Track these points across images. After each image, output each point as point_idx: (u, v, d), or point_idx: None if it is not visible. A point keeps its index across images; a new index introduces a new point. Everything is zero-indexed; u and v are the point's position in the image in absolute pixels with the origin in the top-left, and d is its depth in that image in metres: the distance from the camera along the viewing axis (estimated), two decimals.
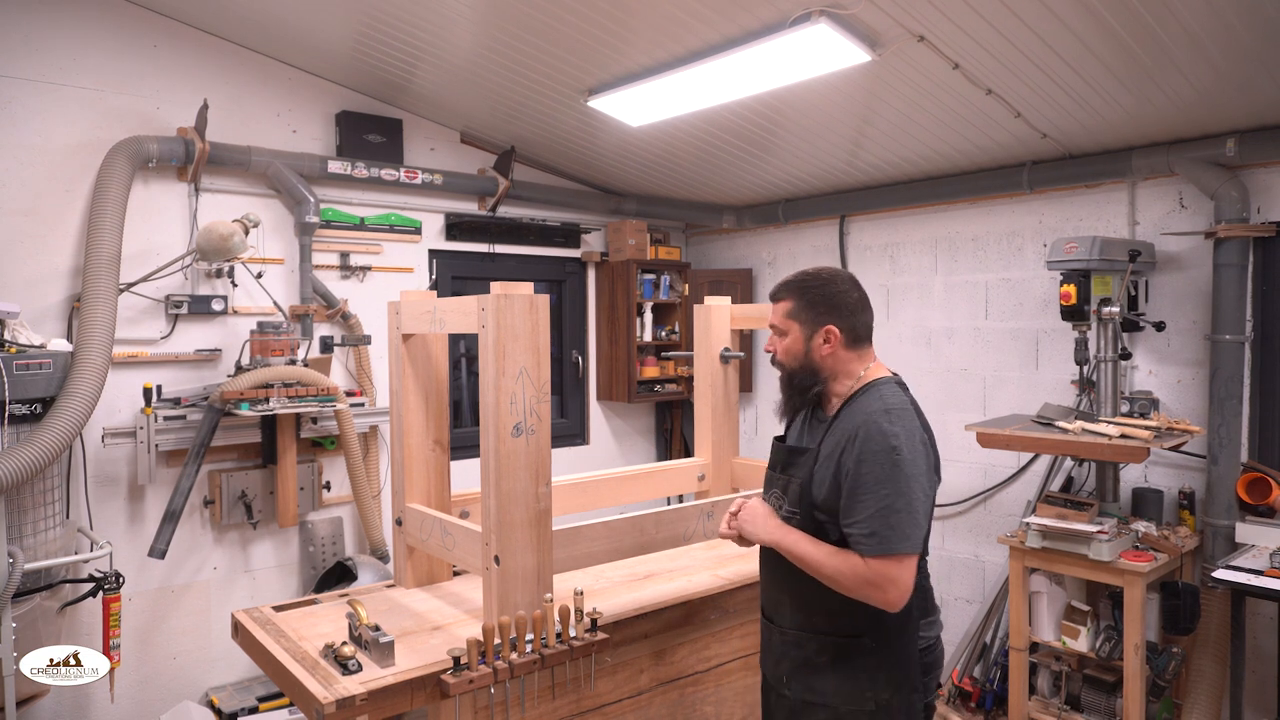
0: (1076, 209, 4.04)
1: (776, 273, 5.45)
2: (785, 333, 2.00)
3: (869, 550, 1.78)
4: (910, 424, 1.85)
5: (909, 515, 1.78)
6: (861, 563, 1.78)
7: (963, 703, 4.14)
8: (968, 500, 4.45)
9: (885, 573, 1.77)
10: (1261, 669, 3.50)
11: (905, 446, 1.81)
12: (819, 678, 1.91)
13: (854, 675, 1.89)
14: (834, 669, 1.90)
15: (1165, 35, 2.81)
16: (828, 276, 1.99)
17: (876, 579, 1.77)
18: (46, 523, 3.03)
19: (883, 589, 1.77)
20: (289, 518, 3.89)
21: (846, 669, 1.89)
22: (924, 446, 1.86)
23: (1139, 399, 3.74)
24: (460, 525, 2.31)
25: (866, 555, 1.78)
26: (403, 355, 2.54)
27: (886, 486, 1.78)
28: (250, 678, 3.97)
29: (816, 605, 1.91)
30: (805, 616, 1.94)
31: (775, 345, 2.02)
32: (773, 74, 3.33)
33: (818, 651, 1.92)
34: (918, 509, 1.79)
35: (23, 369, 2.90)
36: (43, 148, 3.50)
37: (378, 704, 1.88)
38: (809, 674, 1.92)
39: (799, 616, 1.95)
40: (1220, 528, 3.49)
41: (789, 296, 2.00)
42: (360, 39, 3.74)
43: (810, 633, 1.93)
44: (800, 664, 1.94)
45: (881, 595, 1.78)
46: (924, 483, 1.82)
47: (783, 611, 1.99)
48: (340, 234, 4.31)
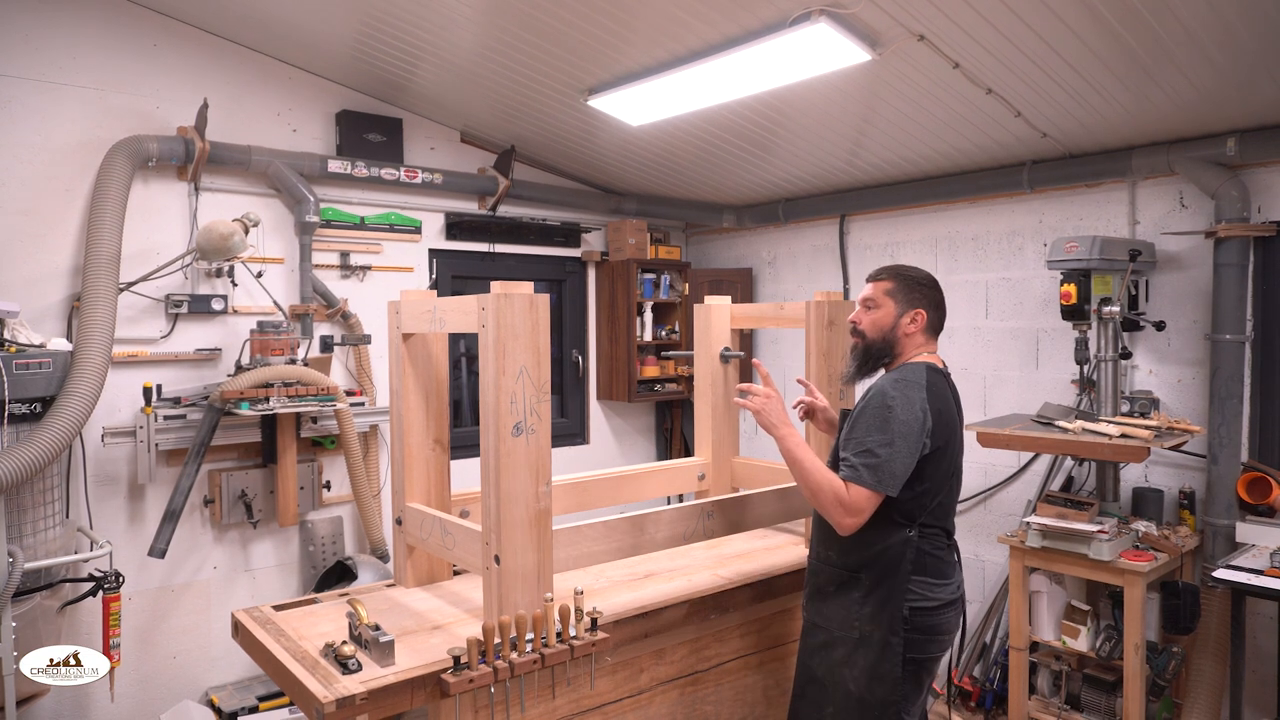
0: (1077, 208, 4.04)
1: (777, 272, 5.45)
2: (879, 307, 2.28)
3: (848, 475, 2.10)
4: (912, 394, 2.13)
5: (885, 462, 2.07)
6: (840, 484, 2.11)
7: (963, 702, 4.15)
8: (968, 500, 4.45)
9: (853, 499, 2.09)
10: (1261, 668, 3.50)
11: (900, 408, 2.10)
12: (825, 604, 2.25)
13: (848, 604, 2.20)
14: (835, 597, 2.23)
15: (1165, 34, 2.81)
16: (926, 273, 2.33)
17: (847, 502, 2.09)
18: (46, 522, 3.03)
19: (844, 510, 2.09)
20: (289, 517, 3.89)
21: (843, 598, 2.21)
22: (923, 414, 2.10)
23: (1139, 398, 3.74)
24: (460, 525, 2.31)
25: (846, 479, 2.10)
26: (403, 355, 2.54)
27: (874, 434, 2.09)
28: (250, 677, 3.97)
29: (833, 541, 2.22)
30: (824, 550, 2.27)
31: (861, 318, 2.29)
32: (773, 73, 3.33)
33: (827, 580, 2.25)
34: (895, 460, 2.07)
35: (23, 368, 2.90)
36: (42, 147, 3.50)
37: (378, 703, 1.88)
38: (820, 600, 2.27)
39: (821, 550, 2.29)
40: (1220, 527, 3.49)
41: (890, 278, 2.30)
42: (360, 38, 3.74)
43: (825, 564, 2.26)
44: (815, 590, 2.29)
45: (840, 516, 2.10)
46: (910, 444, 2.08)
47: (814, 545, 2.33)
48: (340, 233, 4.31)
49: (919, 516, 2.16)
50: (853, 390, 2.78)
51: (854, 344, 2.32)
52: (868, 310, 2.29)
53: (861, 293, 2.32)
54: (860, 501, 2.07)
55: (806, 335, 2.77)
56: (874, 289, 2.30)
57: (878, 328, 2.27)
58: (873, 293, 2.29)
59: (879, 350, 2.27)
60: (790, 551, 2.85)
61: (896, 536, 2.15)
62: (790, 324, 2.85)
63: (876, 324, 2.27)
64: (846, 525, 2.09)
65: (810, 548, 2.37)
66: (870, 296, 2.29)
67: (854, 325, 2.31)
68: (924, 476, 2.12)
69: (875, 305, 2.28)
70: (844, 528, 2.10)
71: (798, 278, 5.33)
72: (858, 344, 2.31)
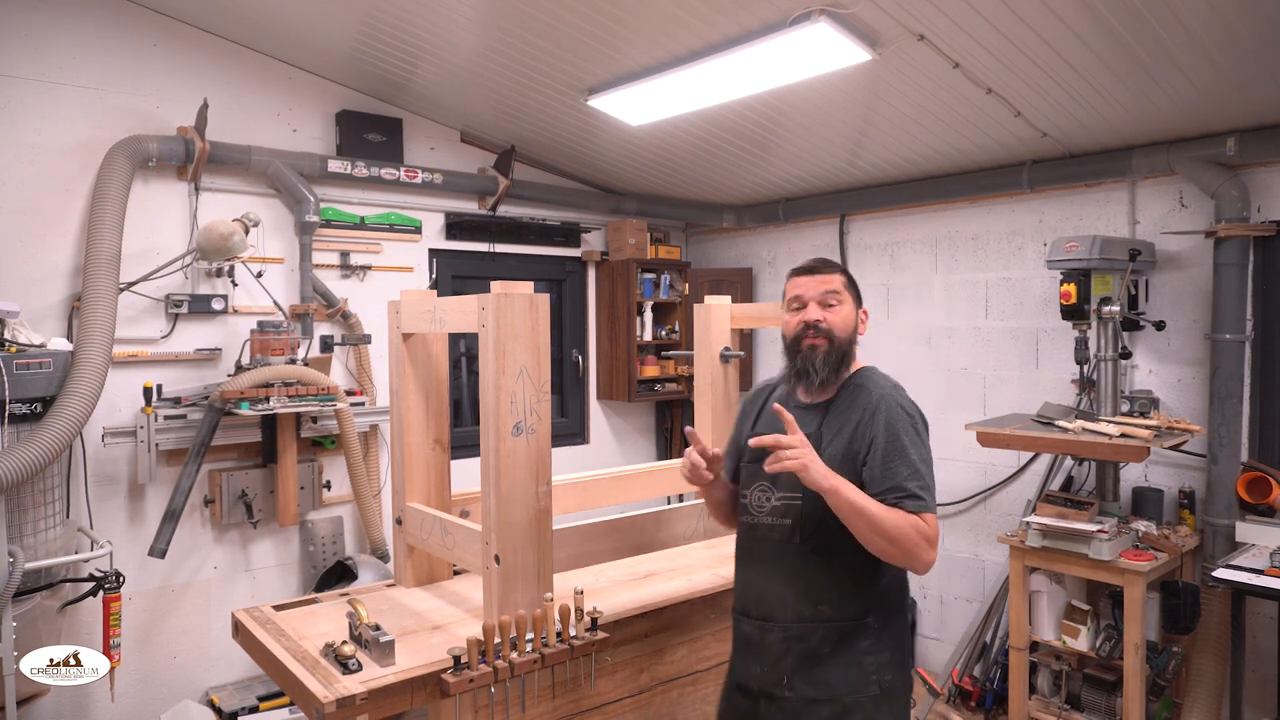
0: (1077, 208, 4.04)
1: (777, 272, 5.44)
2: (843, 303, 1.99)
3: (917, 507, 1.80)
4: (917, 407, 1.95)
5: (932, 480, 1.86)
6: (918, 518, 1.79)
7: (963, 702, 4.15)
8: (968, 500, 4.45)
9: (933, 528, 1.81)
10: (1261, 668, 3.50)
11: (921, 420, 1.91)
12: (823, 670, 1.88)
13: (858, 661, 1.88)
14: (836, 658, 1.88)
15: (1166, 34, 2.81)
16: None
17: (929, 534, 1.80)
18: (47, 522, 3.03)
19: (932, 545, 1.80)
20: (289, 517, 3.89)
21: (849, 656, 1.88)
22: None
23: (1139, 398, 3.74)
24: (460, 524, 2.31)
25: (915, 512, 1.80)
26: (403, 354, 2.54)
27: (916, 451, 1.85)
28: (250, 677, 3.97)
29: (825, 593, 1.89)
30: (811, 606, 1.90)
31: (823, 314, 1.96)
32: (773, 73, 3.33)
33: (821, 642, 1.89)
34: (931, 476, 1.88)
35: (23, 368, 2.90)
36: (42, 147, 3.50)
37: (378, 703, 1.87)
38: (812, 668, 1.89)
39: (804, 608, 1.90)
40: (1220, 527, 3.49)
41: (839, 271, 2.02)
42: (360, 38, 3.74)
43: (817, 623, 1.89)
44: (804, 658, 1.89)
45: (928, 552, 1.80)
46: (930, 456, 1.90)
47: (785, 606, 1.93)
48: (340, 233, 4.31)
49: None
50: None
51: (813, 345, 1.95)
52: (830, 307, 1.97)
53: (812, 287, 1.98)
54: (935, 530, 1.81)
55: None
56: (834, 280, 1.99)
57: (848, 326, 1.97)
58: (836, 284, 1.98)
59: (845, 353, 1.97)
60: None
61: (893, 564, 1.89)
62: None
63: (846, 322, 1.97)
64: (929, 561, 1.80)
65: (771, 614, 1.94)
66: (834, 289, 1.98)
67: (815, 324, 1.95)
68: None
69: (839, 300, 1.98)
70: (927, 564, 1.81)
71: None
72: (820, 346, 1.95)
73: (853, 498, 1.77)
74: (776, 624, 1.94)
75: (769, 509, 1.98)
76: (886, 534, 1.77)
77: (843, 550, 1.86)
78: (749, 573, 2.02)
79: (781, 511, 1.95)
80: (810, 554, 1.91)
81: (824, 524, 1.87)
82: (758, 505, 2.00)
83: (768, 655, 1.94)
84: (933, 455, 1.91)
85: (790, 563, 1.92)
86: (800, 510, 1.91)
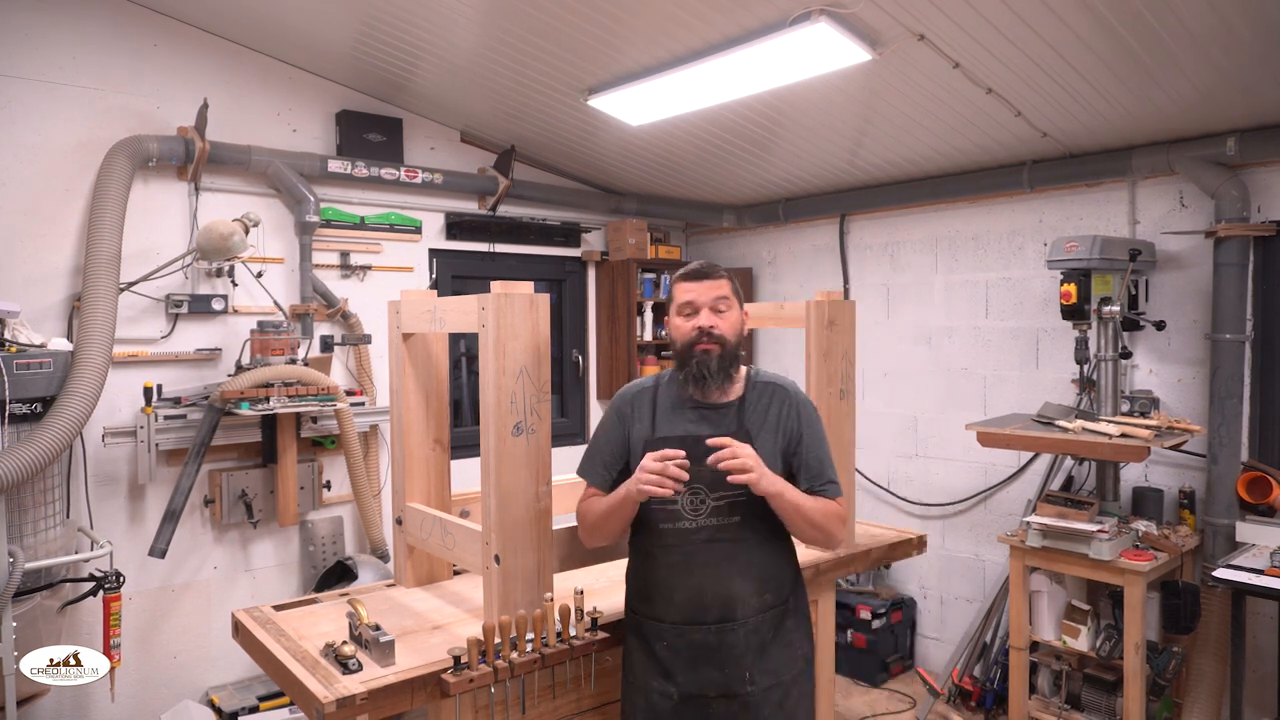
0: (1077, 208, 4.04)
1: (777, 272, 5.45)
2: (732, 308, 2.05)
3: (836, 492, 2.05)
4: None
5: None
6: (835, 504, 2.04)
7: (963, 702, 4.15)
8: (968, 499, 4.45)
9: (844, 510, 2.07)
10: (1262, 668, 3.50)
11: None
12: (769, 656, 1.98)
13: (789, 640, 2.03)
14: (777, 641, 2.00)
15: (1166, 34, 2.81)
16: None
17: (844, 515, 2.07)
18: (47, 522, 3.03)
19: (844, 524, 2.07)
20: (289, 517, 3.89)
21: (783, 637, 2.02)
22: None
23: (1139, 398, 3.74)
24: (460, 524, 2.31)
25: (835, 497, 2.05)
26: (403, 354, 2.54)
27: (826, 441, 2.09)
28: (250, 677, 3.97)
29: (770, 581, 2.02)
30: (761, 596, 1.99)
31: (715, 320, 2.00)
32: (773, 73, 3.33)
33: (769, 629, 2.00)
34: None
35: (23, 368, 2.90)
36: (42, 147, 3.50)
37: (378, 703, 1.87)
38: (763, 656, 1.97)
39: (758, 600, 1.99)
40: (1220, 527, 3.49)
41: (726, 276, 2.07)
42: (360, 38, 3.74)
43: (765, 611, 2.00)
44: (759, 650, 1.97)
45: (843, 530, 2.06)
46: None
47: (744, 602, 1.97)
48: (340, 233, 4.31)
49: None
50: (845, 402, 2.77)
51: (707, 350, 1.98)
52: (720, 313, 2.01)
53: (703, 293, 2.02)
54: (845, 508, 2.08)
55: (806, 335, 2.76)
56: (723, 287, 2.03)
57: (736, 331, 2.03)
58: (721, 290, 2.02)
59: (737, 356, 2.03)
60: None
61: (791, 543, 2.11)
62: (790, 324, 2.85)
63: (735, 327, 2.03)
64: (844, 537, 2.08)
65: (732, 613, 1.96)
66: (724, 295, 2.03)
67: (709, 330, 1.99)
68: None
69: (729, 305, 2.03)
70: (842, 541, 2.08)
71: (798, 277, 5.33)
72: (714, 351, 1.98)
73: (794, 499, 1.95)
74: (737, 623, 1.96)
75: (709, 510, 1.99)
76: (817, 524, 1.97)
77: (780, 536, 2.05)
78: (700, 580, 1.97)
79: (726, 510, 1.99)
80: (759, 546, 2.01)
81: (765, 515, 1.99)
82: (693, 509, 1.99)
83: (729, 656, 1.95)
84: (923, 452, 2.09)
85: (744, 558, 1.98)
86: (746, 505, 1.98)
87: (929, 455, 4.62)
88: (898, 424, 4.77)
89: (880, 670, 4.54)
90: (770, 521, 2.00)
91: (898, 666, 4.64)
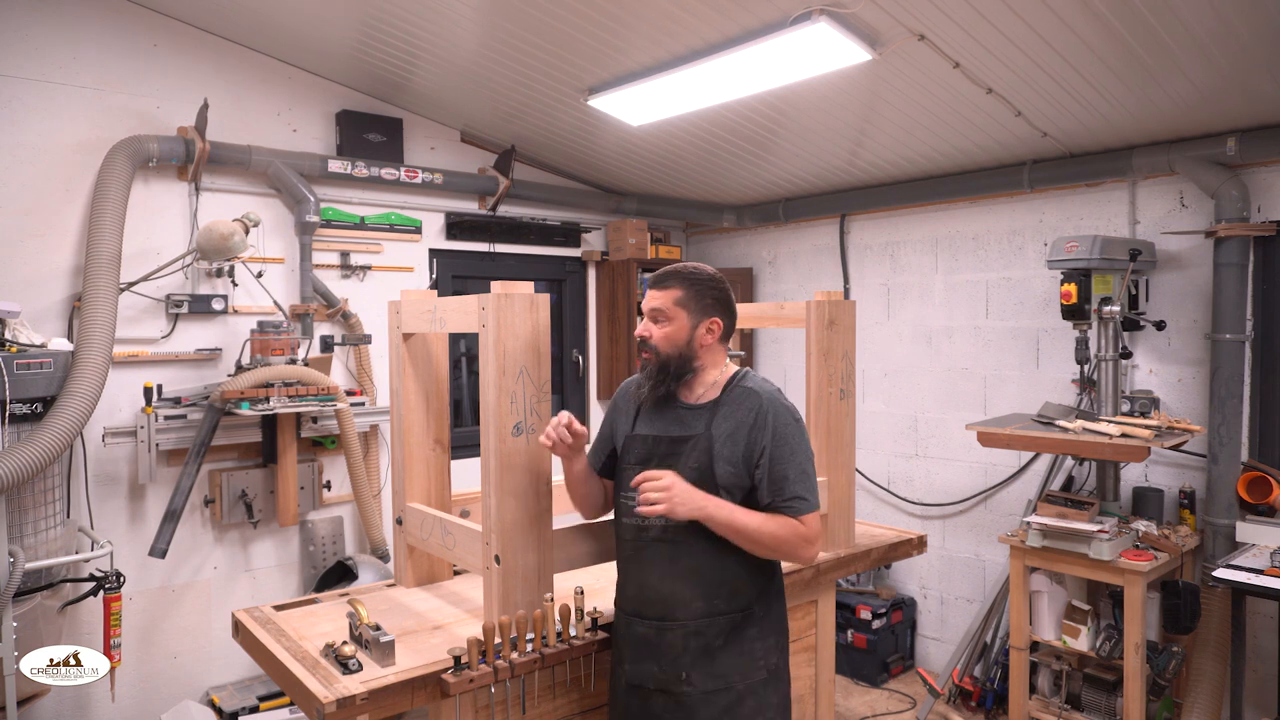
0: (1077, 208, 4.04)
1: (777, 271, 5.45)
2: (671, 320, 2.05)
3: (802, 509, 1.96)
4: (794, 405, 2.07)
5: (815, 477, 2.03)
6: (797, 522, 1.96)
7: (963, 702, 4.15)
8: (968, 500, 4.45)
9: (815, 528, 1.99)
10: (1262, 668, 3.50)
11: (801, 420, 2.05)
12: (718, 661, 1.98)
13: (748, 649, 2.00)
14: (729, 648, 1.99)
15: (1166, 34, 2.81)
16: (713, 273, 2.10)
17: (812, 535, 1.98)
18: (47, 522, 3.03)
19: (813, 544, 1.99)
20: (289, 517, 3.89)
21: (740, 645, 1.99)
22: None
23: (1139, 398, 3.74)
24: (460, 524, 2.31)
25: (800, 515, 1.96)
26: (403, 354, 2.54)
27: (800, 454, 1.99)
28: (251, 677, 3.97)
29: (719, 587, 1.99)
30: (708, 602, 1.99)
31: (651, 330, 2.05)
32: (773, 73, 3.33)
33: (717, 635, 1.98)
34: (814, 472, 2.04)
35: (23, 368, 2.90)
36: (43, 147, 3.50)
37: (378, 703, 1.87)
38: (709, 661, 1.98)
39: (702, 605, 1.99)
40: (1220, 527, 3.49)
41: (678, 286, 2.06)
42: (360, 38, 3.74)
43: (712, 616, 1.98)
44: (701, 652, 1.98)
45: (810, 550, 1.99)
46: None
47: (684, 604, 1.99)
48: (340, 233, 4.31)
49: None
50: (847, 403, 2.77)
51: (646, 358, 2.06)
52: (657, 323, 2.05)
53: (649, 301, 2.07)
54: (817, 526, 1.99)
55: (807, 335, 2.76)
56: (663, 299, 2.05)
57: (672, 342, 2.04)
58: (661, 303, 2.04)
59: (681, 366, 2.05)
60: None
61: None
62: (790, 324, 2.85)
63: (670, 338, 2.04)
64: (809, 556, 2.00)
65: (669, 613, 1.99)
66: (659, 308, 2.04)
67: (643, 339, 2.06)
68: None
69: (666, 318, 2.04)
70: (808, 560, 2.01)
71: (798, 277, 5.33)
72: (649, 359, 2.05)
73: (727, 519, 1.92)
74: (676, 623, 1.99)
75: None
76: (764, 544, 1.95)
77: (733, 546, 1.97)
78: (644, 576, 2.04)
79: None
80: (704, 552, 1.98)
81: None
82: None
83: (666, 654, 2.00)
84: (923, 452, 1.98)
85: (686, 562, 1.99)
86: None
87: (929, 455, 4.63)
88: (898, 424, 4.77)
89: (880, 670, 4.54)
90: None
91: (898, 666, 4.65)
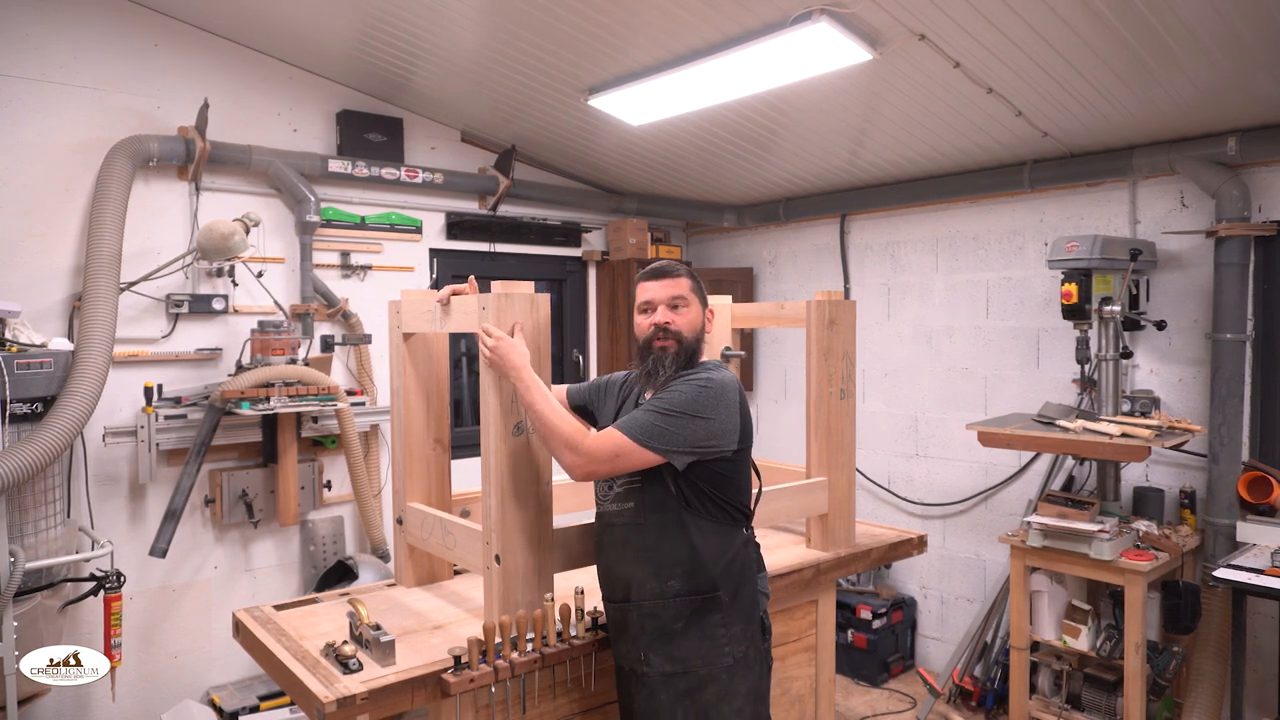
0: (1078, 208, 4.04)
1: (778, 271, 5.45)
2: (689, 305, 2.11)
3: (612, 436, 1.95)
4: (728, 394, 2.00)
5: (674, 430, 1.94)
6: (584, 433, 1.98)
7: (963, 701, 4.15)
8: (968, 499, 4.45)
9: (594, 446, 1.94)
10: (1262, 668, 3.50)
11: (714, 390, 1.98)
12: (678, 644, 1.99)
13: (711, 634, 1.99)
14: (689, 632, 1.99)
15: (1167, 34, 2.81)
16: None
17: (584, 447, 1.94)
18: (47, 522, 3.03)
19: (578, 454, 1.94)
20: (290, 517, 3.89)
21: (702, 629, 1.99)
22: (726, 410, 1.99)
23: (1140, 398, 3.74)
24: (461, 524, 2.31)
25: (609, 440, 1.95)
26: (403, 354, 2.54)
27: (676, 404, 1.95)
28: (251, 677, 3.97)
29: (671, 569, 2.00)
30: (660, 583, 2.01)
31: (672, 317, 2.08)
32: (773, 73, 3.33)
33: (674, 617, 1.99)
34: (685, 433, 1.94)
35: (24, 368, 2.90)
36: (43, 147, 3.50)
37: (378, 703, 1.88)
38: (667, 643, 1.99)
39: (654, 585, 2.01)
40: (1221, 527, 3.49)
41: (685, 275, 2.14)
42: (361, 38, 3.74)
43: (667, 598, 2.00)
44: (658, 634, 2.00)
45: (571, 457, 1.95)
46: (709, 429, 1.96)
47: (638, 585, 2.03)
48: (341, 233, 4.31)
49: (749, 516, 2.12)
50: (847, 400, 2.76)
51: (664, 346, 2.07)
52: (676, 310, 2.09)
53: (660, 291, 2.11)
54: (600, 446, 1.94)
55: (807, 335, 2.77)
56: (680, 286, 2.11)
57: (694, 329, 2.09)
58: (676, 290, 2.10)
59: (693, 352, 2.09)
60: (789, 551, 2.85)
61: (739, 539, 2.06)
62: (791, 323, 2.85)
63: (693, 325, 2.09)
64: (568, 464, 1.96)
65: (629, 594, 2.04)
66: (681, 294, 2.10)
67: (665, 327, 2.07)
68: (741, 474, 2.07)
69: (685, 304, 2.10)
70: (568, 468, 1.97)
71: (798, 277, 5.33)
72: (669, 347, 2.06)
73: (524, 391, 2.01)
74: (633, 604, 2.04)
75: (613, 496, 2.09)
76: (539, 430, 2.01)
77: (685, 527, 1.99)
78: (607, 560, 2.13)
79: (624, 496, 2.07)
80: (656, 531, 2.01)
81: (664, 504, 2.00)
82: (603, 495, 2.13)
83: (629, 634, 2.05)
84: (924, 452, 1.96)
85: (638, 543, 2.03)
86: (640, 492, 2.03)
87: (929, 455, 4.62)
88: (898, 424, 4.77)
89: (881, 670, 4.54)
90: (674, 510, 1.99)
91: (898, 666, 4.65)
